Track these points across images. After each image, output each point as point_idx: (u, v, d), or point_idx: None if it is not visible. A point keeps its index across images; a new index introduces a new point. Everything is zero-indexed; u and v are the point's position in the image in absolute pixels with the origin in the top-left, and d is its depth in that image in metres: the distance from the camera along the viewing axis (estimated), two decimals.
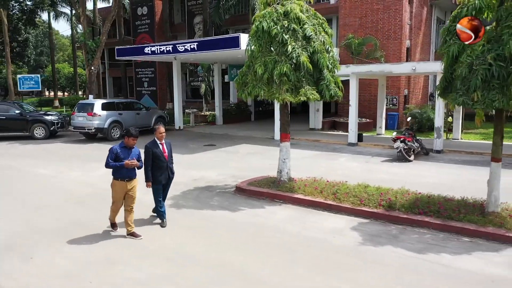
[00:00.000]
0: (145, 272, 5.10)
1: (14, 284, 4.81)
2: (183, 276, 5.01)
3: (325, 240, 6.17)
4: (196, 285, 4.78)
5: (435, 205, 6.87)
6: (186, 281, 4.88)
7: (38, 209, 7.73)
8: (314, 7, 24.35)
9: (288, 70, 7.59)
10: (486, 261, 5.39)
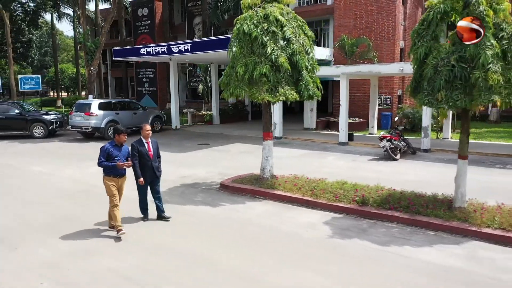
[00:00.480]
0: (121, 262, 5.43)
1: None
2: (155, 265, 5.33)
3: (297, 233, 6.47)
4: (165, 273, 5.10)
5: (405, 200, 7.15)
6: (159, 269, 5.20)
7: (29, 205, 8.09)
8: (311, 8, 24.66)
9: (267, 71, 7.90)
10: (446, 253, 5.67)
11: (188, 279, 4.94)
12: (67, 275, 5.05)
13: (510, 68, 6.05)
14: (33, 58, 45.18)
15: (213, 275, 5.05)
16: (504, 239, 5.91)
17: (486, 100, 5.94)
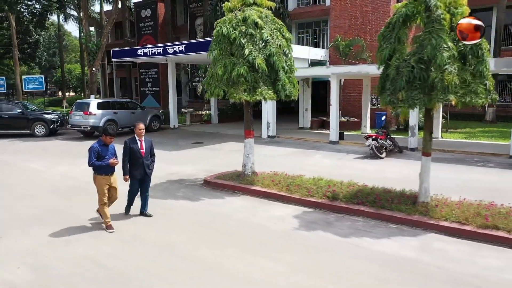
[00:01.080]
0: (96, 250, 5.83)
1: None
2: (127, 252, 5.73)
3: (265, 226, 6.83)
4: (134, 260, 5.49)
5: (373, 196, 7.47)
6: (129, 257, 5.59)
7: (20, 199, 8.55)
8: (310, 9, 25.00)
9: (245, 72, 8.26)
10: (402, 244, 5.98)
11: (153, 266, 5.32)
12: (43, 261, 5.46)
13: (466, 69, 6.34)
14: (40, 58, 46.04)
15: (177, 262, 5.43)
16: (459, 231, 6.21)
17: (442, 100, 6.25)
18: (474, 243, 5.97)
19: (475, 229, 6.12)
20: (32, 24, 38.91)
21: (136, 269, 5.22)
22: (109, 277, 5.01)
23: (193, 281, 4.92)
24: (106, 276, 5.05)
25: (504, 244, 5.85)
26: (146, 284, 4.82)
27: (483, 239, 6.01)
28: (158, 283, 4.86)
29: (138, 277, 5.02)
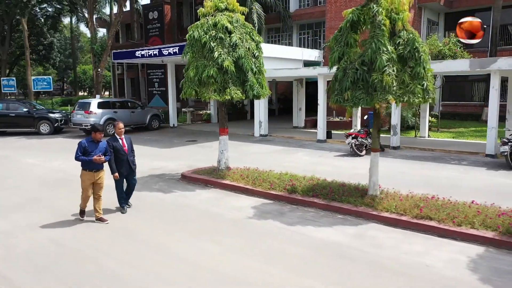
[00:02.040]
0: (64, 234, 6.50)
1: None
2: (90, 236, 6.39)
3: (222, 215, 7.42)
4: (93, 242, 6.14)
5: (328, 189, 7.98)
6: (90, 239, 6.25)
7: (8, 189, 9.34)
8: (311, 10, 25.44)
9: (214, 73, 8.85)
10: (340, 232, 6.49)
11: (106, 246, 5.97)
12: (12, 241, 6.17)
13: (405, 71, 6.81)
14: (54, 60, 47.50)
15: (129, 243, 6.07)
16: (396, 221, 6.69)
17: (382, 99, 6.74)
18: (407, 232, 6.45)
19: (410, 219, 6.59)
20: (46, 27, 40.40)
21: (90, 248, 5.88)
22: (64, 254, 5.67)
23: (139, 259, 5.53)
24: (62, 253, 5.71)
25: (434, 233, 6.31)
26: (95, 260, 5.47)
27: (416, 228, 6.48)
28: (104, 259, 5.51)
29: (90, 255, 5.67)
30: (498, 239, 5.79)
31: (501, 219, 6.14)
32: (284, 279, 4.96)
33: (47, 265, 5.37)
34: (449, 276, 4.98)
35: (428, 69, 6.92)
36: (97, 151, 6.82)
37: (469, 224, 6.17)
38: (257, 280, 4.93)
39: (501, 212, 6.38)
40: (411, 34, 6.89)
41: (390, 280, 4.90)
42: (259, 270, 5.20)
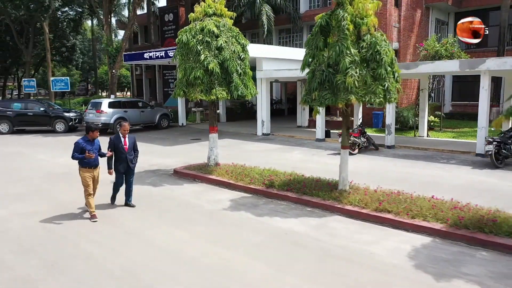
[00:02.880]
0: (52, 220, 7.22)
1: None
2: (74, 224, 7.08)
3: (201, 206, 8.01)
4: (76, 226, 6.83)
5: (301, 183, 8.46)
6: (77, 226, 6.94)
7: (14, 181, 10.18)
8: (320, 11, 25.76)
9: (201, 75, 9.45)
10: (302, 223, 6.98)
11: (87, 230, 6.64)
12: (8, 225, 6.92)
13: (368, 72, 7.23)
14: (77, 61, 49.22)
15: (108, 229, 6.73)
16: (358, 214, 7.12)
17: (344, 99, 7.18)
18: (366, 223, 6.89)
19: (370, 212, 7.02)
20: (68, 29, 41.98)
21: (74, 234, 6.56)
22: (50, 238, 6.37)
23: (113, 241, 6.18)
24: (48, 237, 6.41)
25: (389, 225, 6.73)
26: (76, 243, 6.14)
27: (374, 220, 6.91)
28: (84, 242, 6.18)
29: (73, 239, 6.35)
30: (444, 230, 6.16)
31: (451, 213, 6.50)
32: (236, 262, 5.51)
33: (33, 246, 6.07)
34: (387, 262, 5.42)
35: (390, 71, 7.30)
36: (93, 149, 7.18)
37: (422, 217, 6.56)
38: (212, 262, 5.49)
39: (454, 206, 6.74)
40: (373, 38, 7.28)
41: (331, 264, 5.38)
42: (217, 254, 5.75)
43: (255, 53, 18.58)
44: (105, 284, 4.91)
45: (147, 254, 5.74)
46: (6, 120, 20.06)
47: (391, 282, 4.88)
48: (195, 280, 4.98)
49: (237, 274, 5.13)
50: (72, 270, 5.28)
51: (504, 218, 6.20)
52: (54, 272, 5.23)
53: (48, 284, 4.94)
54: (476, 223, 6.10)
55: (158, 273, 5.17)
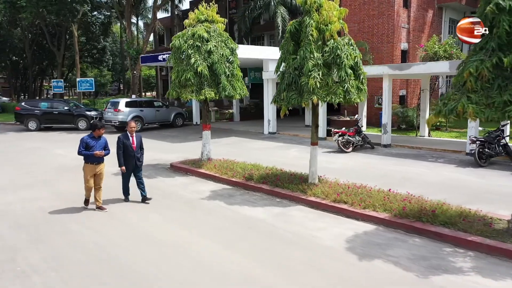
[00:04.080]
0: (51, 205, 8.25)
1: None
2: (69, 208, 8.07)
3: (184, 196, 8.86)
4: (67, 210, 7.81)
5: (275, 177, 9.16)
6: (68, 210, 7.93)
7: (27, 172, 11.38)
8: None
9: (191, 77, 10.31)
10: (267, 211, 7.68)
11: (80, 216, 7.61)
12: (11, 207, 8.01)
13: (329, 75, 7.84)
14: (107, 62, 51.49)
15: (96, 213, 7.67)
16: (318, 204, 7.77)
17: (307, 99, 7.84)
18: (323, 213, 7.52)
19: (328, 203, 7.65)
20: (99, 32, 44.12)
21: (66, 216, 7.54)
22: (44, 220, 7.37)
23: (96, 223, 7.11)
24: (43, 218, 7.42)
25: (344, 214, 7.34)
26: (64, 223, 7.11)
27: (331, 210, 7.53)
28: (71, 221, 7.14)
29: (63, 220, 7.32)
30: (388, 219, 6.73)
31: (397, 204, 7.05)
32: (194, 242, 6.30)
33: (26, 224, 7.09)
34: (324, 244, 6.07)
35: (351, 73, 7.88)
36: (97, 145, 7.58)
37: (372, 207, 7.14)
38: (173, 241, 6.30)
39: (404, 199, 7.27)
40: (336, 43, 7.88)
41: (273, 245, 6.08)
42: (180, 235, 6.57)
43: (261, 55, 19.41)
44: (74, 252, 5.83)
45: (119, 233, 6.63)
46: (34, 118, 21.71)
47: (316, 260, 5.54)
48: (152, 255, 5.81)
49: (190, 251, 5.92)
50: (52, 242, 6.25)
51: (444, 209, 6.70)
52: (37, 242, 6.22)
53: (29, 250, 5.92)
54: (416, 213, 6.63)
55: (124, 248, 6.04)
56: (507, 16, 5.23)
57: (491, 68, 5.32)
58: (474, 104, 5.36)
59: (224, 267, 5.40)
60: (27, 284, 4.97)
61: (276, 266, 5.41)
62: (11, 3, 27.36)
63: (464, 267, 5.25)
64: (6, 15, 34.35)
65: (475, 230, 5.99)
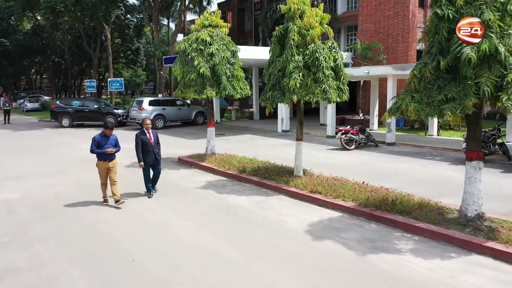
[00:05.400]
0: (65, 190, 9.42)
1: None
2: (80, 193, 9.21)
3: (181, 185, 9.82)
4: (80, 194, 8.94)
5: (266, 169, 9.95)
6: (78, 193, 9.07)
7: (50, 164, 12.72)
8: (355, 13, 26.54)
9: (194, 77, 11.26)
10: (249, 199, 8.49)
11: (87, 198, 8.71)
12: (31, 191, 9.24)
13: (309, 76, 8.55)
14: (140, 63, 53.76)
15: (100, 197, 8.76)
16: (296, 194, 8.50)
17: (288, 99, 8.59)
18: (300, 202, 8.26)
19: (305, 193, 8.37)
20: (133, 34, 46.28)
21: (76, 198, 8.66)
22: (56, 200, 8.51)
23: (97, 204, 8.17)
24: (55, 199, 8.57)
25: (317, 203, 8.03)
26: (74, 204, 8.21)
27: (307, 200, 8.25)
28: (79, 205, 8.24)
29: (74, 201, 8.43)
30: (353, 208, 7.39)
31: (364, 194, 7.68)
32: (177, 222, 7.22)
33: (41, 206, 8.24)
34: (289, 228, 6.82)
35: (330, 74, 8.55)
36: (108, 143, 8.09)
37: (342, 197, 7.80)
38: (161, 222, 7.24)
39: (372, 190, 7.89)
40: (315, 46, 8.57)
41: (245, 228, 6.90)
42: (167, 217, 7.50)
43: None
44: (72, 228, 6.88)
45: (114, 214, 7.66)
46: (67, 115, 23.48)
47: (276, 240, 6.30)
48: (137, 232, 6.77)
49: (171, 230, 6.83)
50: (57, 219, 7.34)
51: (405, 200, 7.28)
52: (46, 219, 7.34)
53: (37, 225, 7.03)
54: (378, 203, 7.25)
55: (115, 226, 7.05)
56: (446, 24, 5.80)
57: (432, 71, 5.90)
58: (416, 103, 5.96)
59: (195, 242, 6.28)
60: (30, 248, 6.05)
61: (240, 244, 6.22)
62: (52, 8, 29.52)
63: (403, 249, 5.87)
64: (49, 19, 36.88)
65: (426, 218, 6.56)
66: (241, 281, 5.03)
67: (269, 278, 5.10)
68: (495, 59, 5.41)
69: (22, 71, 51.07)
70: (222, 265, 5.48)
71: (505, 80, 5.43)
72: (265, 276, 5.15)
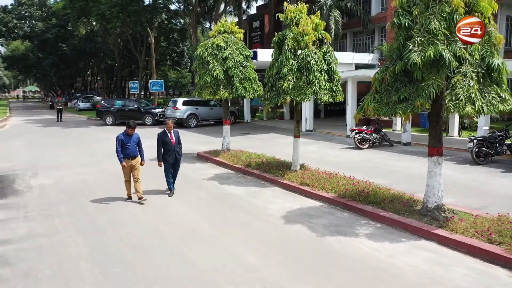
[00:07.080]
0: (91, 177, 10.82)
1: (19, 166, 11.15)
2: (102, 181, 10.57)
3: (191, 176, 10.93)
4: (100, 182, 10.28)
5: (268, 164, 10.83)
6: (99, 181, 10.42)
7: (88, 155, 14.30)
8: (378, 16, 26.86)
9: (209, 79, 12.36)
10: (245, 189, 9.42)
11: (105, 184, 10.03)
12: (62, 179, 10.71)
13: (301, 78, 9.34)
14: (185, 65, 56.11)
15: (117, 184, 10.04)
16: (287, 186, 9.33)
17: (283, 99, 9.43)
18: (290, 193, 9.08)
19: (296, 185, 9.17)
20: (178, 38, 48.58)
21: (95, 186, 10.01)
22: (82, 186, 9.90)
23: (113, 189, 9.44)
24: (81, 185, 9.96)
25: (304, 194, 8.82)
26: (92, 190, 9.54)
27: (296, 191, 9.06)
28: (99, 190, 9.56)
29: (90, 187, 9.78)
30: (332, 198, 8.11)
31: (344, 187, 8.38)
32: (174, 205, 8.31)
33: (68, 190, 9.64)
34: (269, 213, 7.69)
35: (321, 76, 9.28)
36: (131, 141, 8.47)
37: (325, 189, 8.54)
38: (160, 204, 8.36)
39: (353, 183, 8.57)
40: (308, 51, 9.35)
41: (231, 211, 7.86)
42: (167, 201, 8.62)
43: None
44: (88, 207, 8.15)
45: (124, 197, 8.88)
46: (110, 114, 25.51)
47: (252, 222, 7.21)
48: (137, 211, 7.93)
49: (167, 212, 7.93)
50: (78, 200, 8.67)
51: (380, 192, 7.91)
52: (68, 201, 8.69)
53: (60, 205, 8.38)
54: (354, 195, 7.94)
55: (123, 207, 8.24)
56: (403, 32, 6.43)
57: (391, 74, 6.55)
58: (376, 103, 6.64)
59: (183, 221, 7.34)
60: (50, 222, 7.37)
61: (220, 224, 7.19)
62: (102, 15, 32.05)
63: (361, 233, 6.58)
64: (102, 24, 39.75)
65: (392, 208, 7.19)
66: (208, 251, 5.99)
67: (232, 250, 6.02)
68: (441, 64, 5.98)
69: (77, 73, 55.10)
70: (199, 238, 6.48)
71: (451, 82, 6.01)
72: (230, 249, 6.08)
